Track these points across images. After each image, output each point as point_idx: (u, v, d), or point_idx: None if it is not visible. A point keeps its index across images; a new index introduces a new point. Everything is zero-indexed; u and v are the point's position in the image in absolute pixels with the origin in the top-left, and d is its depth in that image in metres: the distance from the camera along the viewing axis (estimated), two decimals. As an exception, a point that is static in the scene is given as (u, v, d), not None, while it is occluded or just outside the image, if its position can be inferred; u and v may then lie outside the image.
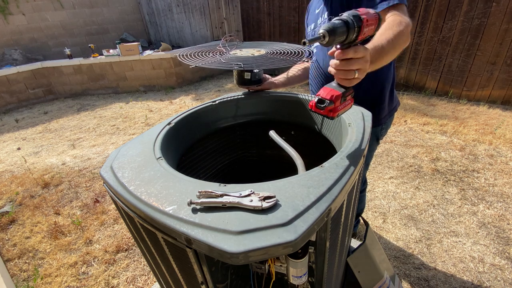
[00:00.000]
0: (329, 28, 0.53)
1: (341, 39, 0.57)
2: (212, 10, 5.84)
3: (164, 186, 0.63)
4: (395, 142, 2.90)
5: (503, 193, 2.10)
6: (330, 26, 0.54)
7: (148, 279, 1.67)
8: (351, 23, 0.56)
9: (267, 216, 0.51)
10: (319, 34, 0.54)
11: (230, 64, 0.97)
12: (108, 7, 6.81)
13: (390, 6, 0.91)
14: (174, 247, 0.58)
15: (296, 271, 0.71)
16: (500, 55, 3.32)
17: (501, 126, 3.00)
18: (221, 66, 0.94)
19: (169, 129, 0.92)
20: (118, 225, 2.10)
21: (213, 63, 0.96)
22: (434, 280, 1.52)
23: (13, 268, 1.80)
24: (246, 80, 1.15)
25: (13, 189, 2.62)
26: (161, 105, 4.64)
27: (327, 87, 0.66)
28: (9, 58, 5.59)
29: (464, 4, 3.36)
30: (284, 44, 1.27)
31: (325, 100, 0.64)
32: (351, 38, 0.58)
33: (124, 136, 3.62)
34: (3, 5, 5.47)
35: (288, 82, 1.33)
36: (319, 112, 0.65)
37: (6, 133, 4.06)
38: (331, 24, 0.55)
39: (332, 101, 0.63)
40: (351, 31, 0.56)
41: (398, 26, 0.84)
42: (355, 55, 0.60)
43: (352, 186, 0.69)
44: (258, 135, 1.20)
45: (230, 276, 0.87)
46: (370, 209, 2.06)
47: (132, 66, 5.30)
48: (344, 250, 0.92)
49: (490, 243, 1.71)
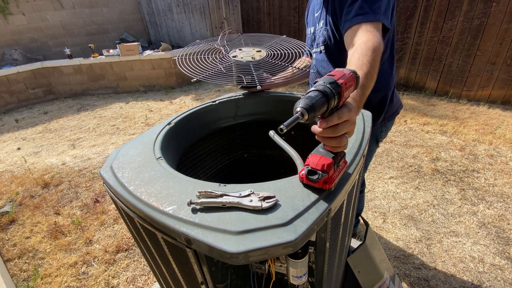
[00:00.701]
0: (307, 106, 0.48)
1: (323, 111, 0.51)
2: (212, 10, 5.84)
3: (164, 186, 0.63)
4: (395, 142, 2.90)
5: (503, 193, 2.10)
6: (307, 103, 0.48)
7: (148, 279, 1.67)
8: (329, 92, 0.51)
9: (267, 216, 0.51)
10: (296, 113, 0.48)
11: (233, 79, 0.94)
12: (108, 7, 6.81)
13: (364, 22, 0.87)
14: (174, 247, 0.58)
15: (296, 271, 0.71)
16: (500, 55, 3.32)
17: (501, 126, 3.00)
18: (226, 82, 0.93)
19: (169, 129, 0.92)
20: (118, 225, 2.10)
21: (216, 75, 0.95)
22: (434, 280, 1.52)
23: (13, 268, 1.80)
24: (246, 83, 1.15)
25: (13, 189, 2.62)
26: (161, 105, 4.64)
27: (316, 154, 0.59)
28: (9, 58, 5.59)
29: (464, 4, 3.36)
30: (283, 38, 1.26)
31: (316, 171, 0.57)
32: (333, 106, 0.52)
33: (124, 136, 3.62)
34: (3, 5, 5.47)
35: (288, 81, 1.33)
36: (313, 185, 0.58)
37: (6, 133, 4.06)
38: (308, 99, 0.49)
39: (325, 171, 0.56)
40: (331, 101, 0.51)
41: (372, 53, 0.78)
42: (340, 120, 0.54)
43: (352, 186, 0.69)
44: (258, 135, 1.20)
45: (230, 276, 0.87)
46: (370, 209, 2.06)
47: (132, 66, 5.30)
48: (344, 250, 0.92)
49: (490, 243, 1.71)
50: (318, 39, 1.13)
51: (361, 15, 0.88)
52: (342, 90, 0.53)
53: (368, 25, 0.87)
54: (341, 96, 0.53)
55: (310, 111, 0.48)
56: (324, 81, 0.52)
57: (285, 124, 0.47)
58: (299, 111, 0.48)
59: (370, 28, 0.86)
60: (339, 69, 0.58)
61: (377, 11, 0.89)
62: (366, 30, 0.86)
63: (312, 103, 0.48)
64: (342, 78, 0.54)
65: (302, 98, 0.50)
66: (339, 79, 0.54)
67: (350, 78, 0.56)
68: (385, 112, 1.18)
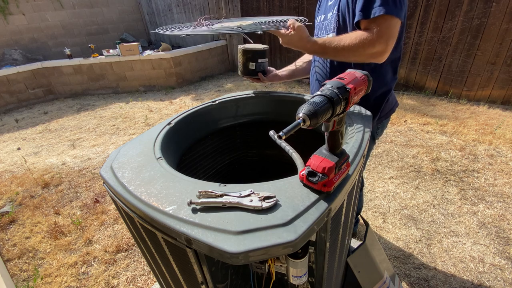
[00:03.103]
0: (309, 112, 0.46)
1: (327, 117, 0.49)
2: (212, 10, 5.85)
3: (164, 186, 0.63)
4: (395, 142, 2.90)
5: (503, 193, 2.10)
6: (310, 109, 0.46)
7: (148, 279, 1.67)
8: (336, 99, 0.48)
9: (267, 216, 0.51)
10: (298, 118, 0.46)
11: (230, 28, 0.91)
12: (108, 7, 6.81)
13: (369, 18, 0.88)
14: (174, 247, 0.58)
15: (296, 271, 0.71)
16: (500, 55, 3.32)
17: (501, 126, 2.99)
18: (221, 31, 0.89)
19: (169, 129, 0.92)
20: (118, 225, 2.10)
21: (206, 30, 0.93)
22: (434, 280, 1.52)
23: (13, 268, 1.80)
24: (250, 70, 1.14)
25: (13, 189, 2.62)
26: (161, 105, 4.64)
27: (318, 155, 0.58)
28: (9, 58, 5.59)
29: (464, 4, 3.36)
30: (269, 17, 1.24)
31: (316, 173, 0.55)
32: (338, 112, 0.50)
33: (124, 136, 3.62)
34: (3, 5, 5.47)
35: (293, 74, 1.32)
36: (312, 186, 0.57)
37: (6, 133, 4.06)
38: (312, 105, 0.46)
39: (325, 174, 0.55)
40: (337, 107, 0.49)
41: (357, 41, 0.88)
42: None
43: (352, 186, 0.69)
44: (258, 135, 1.20)
45: (230, 276, 0.87)
46: (370, 209, 2.06)
47: (132, 66, 5.30)
48: (344, 250, 0.92)
49: (490, 243, 1.71)
50: (329, 25, 1.12)
51: (367, 10, 0.91)
52: (350, 96, 0.51)
53: (373, 23, 0.90)
54: (349, 102, 0.51)
55: (313, 118, 0.46)
56: (332, 85, 0.50)
57: (284, 131, 0.46)
58: (301, 117, 0.46)
59: (375, 26, 0.90)
60: (351, 70, 0.56)
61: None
62: (368, 30, 0.89)
63: (316, 109, 0.46)
64: (352, 83, 0.52)
65: (306, 103, 0.48)
66: (348, 83, 0.51)
67: (361, 82, 0.54)
68: (381, 111, 1.19)
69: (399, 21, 0.89)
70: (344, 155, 0.60)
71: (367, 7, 0.88)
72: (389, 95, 1.18)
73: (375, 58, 0.92)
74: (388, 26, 0.87)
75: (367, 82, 0.56)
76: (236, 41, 5.92)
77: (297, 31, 0.95)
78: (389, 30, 0.87)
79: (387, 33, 0.87)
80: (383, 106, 1.17)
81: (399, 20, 0.89)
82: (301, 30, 0.96)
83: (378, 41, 0.86)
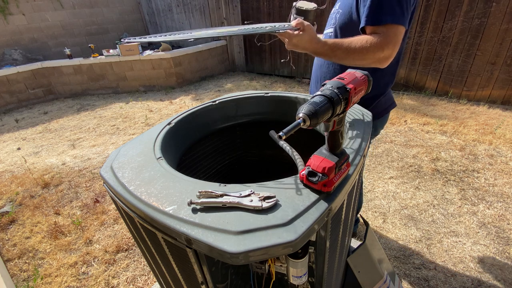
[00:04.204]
0: (309, 112, 0.46)
1: (327, 117, 0.49)
2: (212, 10, 5.85)
3: (164, 186, 0.63)
4: (395, 142, 2.90)
5: (503, 193, 2.10)
6: (310, 109, 0.46)
7: (148, 279, 1.67)
8: (336, 99, 0.49)
9: (267, 216, 0.51)
10: (298, 118, 0.47)
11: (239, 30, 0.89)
12: (108, 7, 6.81)
13: (376, 25, 0.89)
14: (174, 247, 0.58)
15: (296, 271, 0.71)
16: (500, 55, 3.32)
17: (501, 126, 2.99)
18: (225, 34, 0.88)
19: (169, 129, 0.92)
20: (118, 225, 2.10)
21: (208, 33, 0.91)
22: (434, 280, 1.52)
23: (13, 268, 1.80)
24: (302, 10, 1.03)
25: (13, 189, 2.62)
26: (161, 105, 4.64)
27: (318, 155, 0.58)
28: (9, 58, 5.59)
29: (464, 4, 3.36)
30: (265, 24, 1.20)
31: (317, 173, 0.55)
32: (338, 112, 0.51)
33: (124, 136, 3.62)
34: (3, 5, 5.47)
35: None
36: (312, 186, 0.57)
37: (6, 133, 4.06)
38: (312, 105, 0.47)
39: (325, 174, 0.55)
40: (337, 107, 0.49)
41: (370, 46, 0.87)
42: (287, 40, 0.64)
43: (352, 185, 0.69)
44: (258, 135, 1.20)
45: (230, 276, 0.87)
46: (370, 209, 2.06)
47: (132, 66, 5.30)
48: (344, 250, 0.92)
49: (490, 243, 1.71)
50: (337, 18, 1.10)
51: (369, 17, 0.93)
52: (350, 96, 0.51)
53: (379, 29, 0.91)
54: (349, 102, 0.51)
55: (313, 118, 0.46)
56: (332, 85, 0.50)
57: (284, 131, 0.46)
58: (301, 117, 0.46)
59: (382, 30, 0.91)
60: (351, 70, 0.56)
61: None
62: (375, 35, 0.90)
63: (316, 109, 0.46)
64: (352, 83, 0.52)
65: (306, 103, 0.48)
66: (348, 83, 0.52)
67: (361, 82, 0.54)
68: (378, 108, 1.19)
69: (404, 29, 0.91)
70: (344, 155, 0.60)
71: (375, 13, 0.89)
72: (380, 98, 1.18)
73: (380, 63, 0.92)
74: (395, 33, 0.89)
75: (367, 82, 0.56)
76: (236, 41, 5.93)
77: (307, 31, 0.91)
78: (396, 37, 0.89)
79: (394, 39, 0.89)
80: (371, 108, 1.17)
81: (404, 28, 0.91)
82: (311, 30, 0.92)
83: (387, 46, 0.88)
